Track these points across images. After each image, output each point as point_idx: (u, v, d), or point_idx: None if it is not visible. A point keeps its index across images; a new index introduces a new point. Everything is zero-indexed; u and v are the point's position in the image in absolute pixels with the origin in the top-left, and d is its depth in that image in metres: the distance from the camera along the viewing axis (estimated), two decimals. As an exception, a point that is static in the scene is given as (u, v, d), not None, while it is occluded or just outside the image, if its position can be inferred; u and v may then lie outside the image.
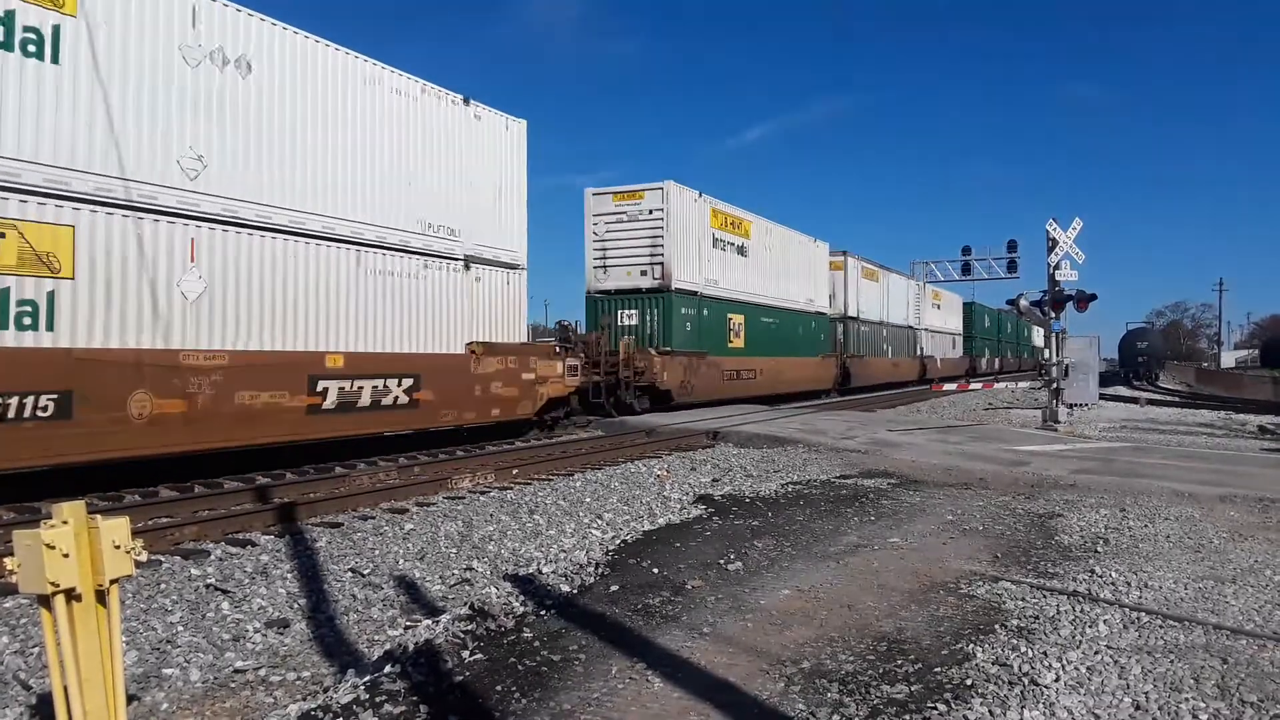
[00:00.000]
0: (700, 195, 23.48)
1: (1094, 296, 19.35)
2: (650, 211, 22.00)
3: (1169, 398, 37.59)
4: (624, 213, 22.33)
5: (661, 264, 21.96)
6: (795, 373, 29.12)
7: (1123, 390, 42.53)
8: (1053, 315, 19.20)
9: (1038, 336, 68.50)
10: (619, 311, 22.26)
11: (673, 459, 13.99)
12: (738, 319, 25.50)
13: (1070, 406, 20.27)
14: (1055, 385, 19.29)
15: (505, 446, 15.64)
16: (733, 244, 25.30)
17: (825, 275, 32.64)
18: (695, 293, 22.95)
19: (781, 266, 28.65)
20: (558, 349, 17.98)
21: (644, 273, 22.16)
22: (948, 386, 29.01)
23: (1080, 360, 20.12)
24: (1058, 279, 19.15)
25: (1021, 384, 27.17)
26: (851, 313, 35.28)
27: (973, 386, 30.36)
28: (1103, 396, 29.21)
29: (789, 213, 63.25)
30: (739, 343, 25.53)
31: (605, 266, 22.62)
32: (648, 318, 22.06)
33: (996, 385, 30.57)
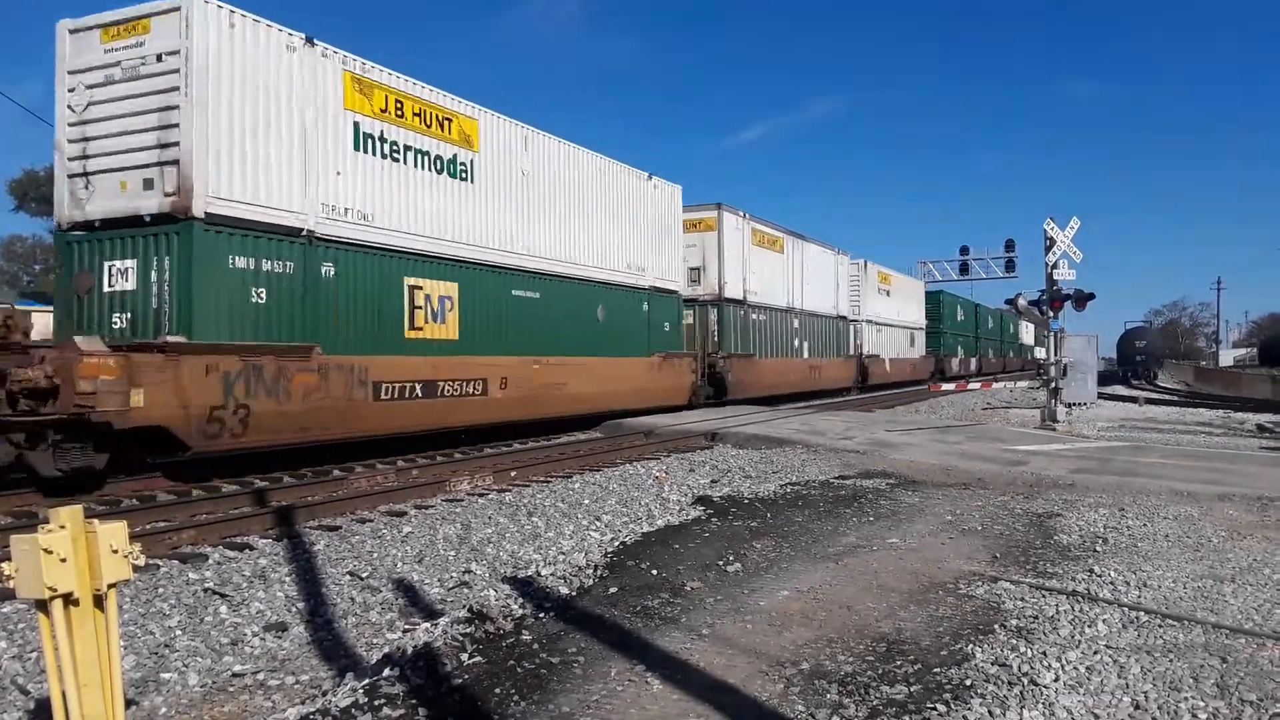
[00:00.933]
0: (309, 43, 12.62)
1: (1092, 296, 19.41)
2: (159, 58, 11.20)
3: (1167, 397, 37.61)
4: (118, 64, 11.51)
5: (177, 164, 11.01)
6: (597, 382, 18.74)
7: (1121, 389, 42.55)
8: (1051, 314, 19.23)
9: (1026, 333, 63.92)
10: (108, 264, 11.49)
11: (671, 460, 13.98)
12: (437, 289, 14.73)
13: (1069, 406, 20.30)
14: (1054, 385, 19.30)
15: (504, 449, 15.63)
16: (426, 154, 14.60)
17: (676, 235, 22.84)
18: (298, 231, 12.28)
19: (574, 209, 18.49)
20: None
21: (149, 184, 11.26)
22: (946, 387, 29.04)
23: (1079, 359, 20.15)
24: (1056, 278, 19.17)
25: (1020, 384, 27.21)
26: (733, 294, 25.29)
27: (971, 387, 30.43)
28: (1101, 396, 29.23)
29: (786, 213, 62.87)
30: (440, 331, 14.78)
31: (86, 174, 11.72)
32: (154, 275, 11.20)
33: (995, 385, 30.59)
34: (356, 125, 13.46)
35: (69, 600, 2.98)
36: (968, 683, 4.30)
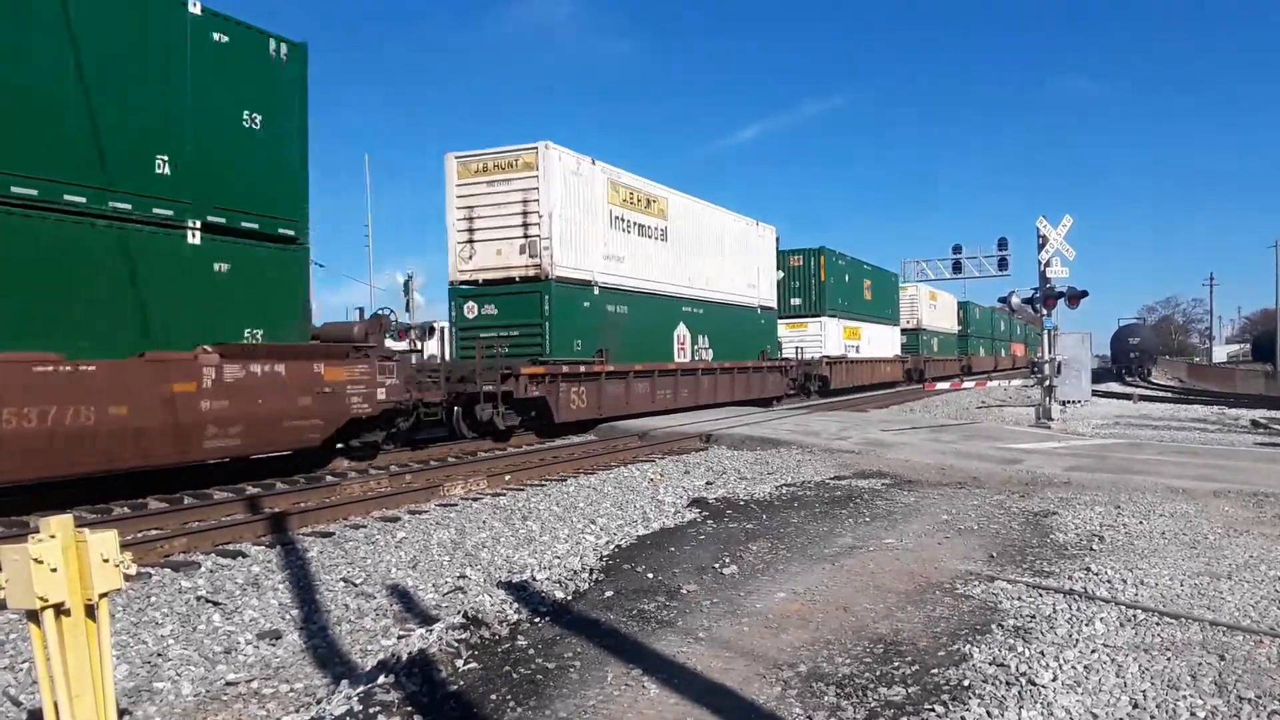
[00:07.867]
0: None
1: (1085, 293, 19.46)
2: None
3: (1162, 393, 37.73)
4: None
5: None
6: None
7: (1115, 386, 42.68)
8: (1045, 312, 19.27)
9: (907, 306, 55.36)
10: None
11: (666, 462, 13.96)
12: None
13: (1063, 404, 20.33)
14: (1048, 382, 19.33)
15: (497, 452, 15.60)
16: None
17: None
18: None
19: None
20: None
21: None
22: (940, 385, 29.02)
23: (1072, 357, 20.18)
24: (1049, 276, 19.21)
25: (1014, 381, 27.25)
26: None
27: (965, 385, 30.42)
28: (1095, 393, 29.30)
29: (783, 212, 62.95)
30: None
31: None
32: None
33: (989, 384, 30.59)
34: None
35: (60, 610, 2.95)
36: (966, 683, 4.28)
